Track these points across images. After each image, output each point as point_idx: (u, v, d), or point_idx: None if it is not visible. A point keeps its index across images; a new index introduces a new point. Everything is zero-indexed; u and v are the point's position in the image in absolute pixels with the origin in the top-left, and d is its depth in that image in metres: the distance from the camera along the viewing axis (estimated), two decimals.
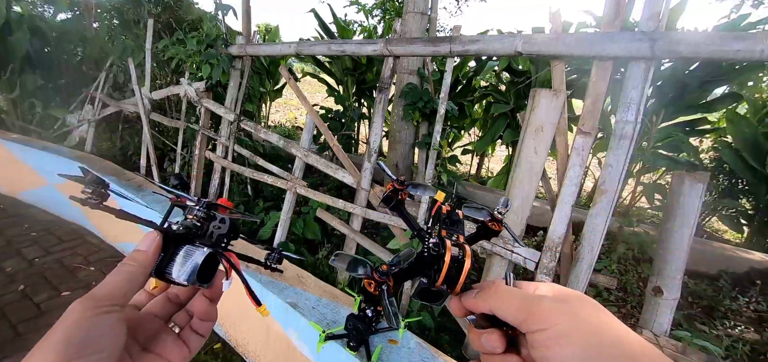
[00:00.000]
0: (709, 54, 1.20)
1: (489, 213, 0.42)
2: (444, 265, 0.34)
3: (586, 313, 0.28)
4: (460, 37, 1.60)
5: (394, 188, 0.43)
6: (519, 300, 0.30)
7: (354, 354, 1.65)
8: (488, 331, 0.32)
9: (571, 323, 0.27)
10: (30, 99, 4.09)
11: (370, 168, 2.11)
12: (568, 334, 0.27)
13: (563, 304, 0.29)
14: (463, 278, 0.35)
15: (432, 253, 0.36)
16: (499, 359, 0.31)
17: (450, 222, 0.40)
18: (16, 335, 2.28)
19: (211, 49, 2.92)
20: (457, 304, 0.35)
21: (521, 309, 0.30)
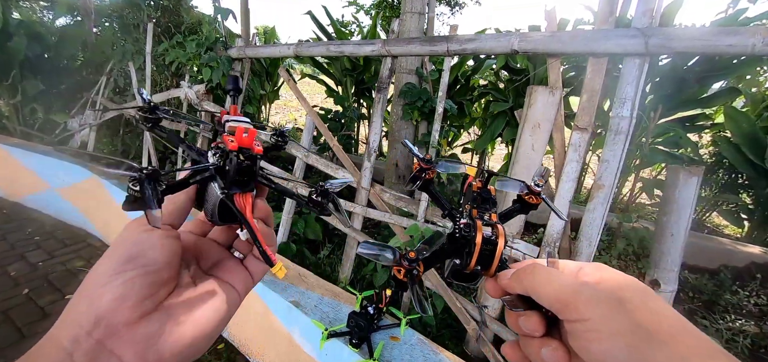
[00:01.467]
0: (702, 49, 1.21)
1: (525, 186, 0.39)
2: (475, 247, 0.33)
3: (632, 305, 0.25)
4: (457, 36, 1.62)
5: (420, 167, 0.40)
6: (557, 286, 0.28)
7: (356, 350, 1.66)
8: (526, 314, 0.30)
9: (614, 317, 0.25)
10: (31, 104, 4.12)
11: (370, 167, 2.13)
12: (609, 329, 0.25)
13: (606, 294, 0.26)
14: (496, 259, 0.33)
15: (463, 234, 0.34)
16: (538, 342, 0.30)
17: (481, 200, 0.37)
18: (21, 337, 2.31)
19: (211, 52, 2.94)
20: (492, 285, 0.34)
21: (560, 296, 0.28)
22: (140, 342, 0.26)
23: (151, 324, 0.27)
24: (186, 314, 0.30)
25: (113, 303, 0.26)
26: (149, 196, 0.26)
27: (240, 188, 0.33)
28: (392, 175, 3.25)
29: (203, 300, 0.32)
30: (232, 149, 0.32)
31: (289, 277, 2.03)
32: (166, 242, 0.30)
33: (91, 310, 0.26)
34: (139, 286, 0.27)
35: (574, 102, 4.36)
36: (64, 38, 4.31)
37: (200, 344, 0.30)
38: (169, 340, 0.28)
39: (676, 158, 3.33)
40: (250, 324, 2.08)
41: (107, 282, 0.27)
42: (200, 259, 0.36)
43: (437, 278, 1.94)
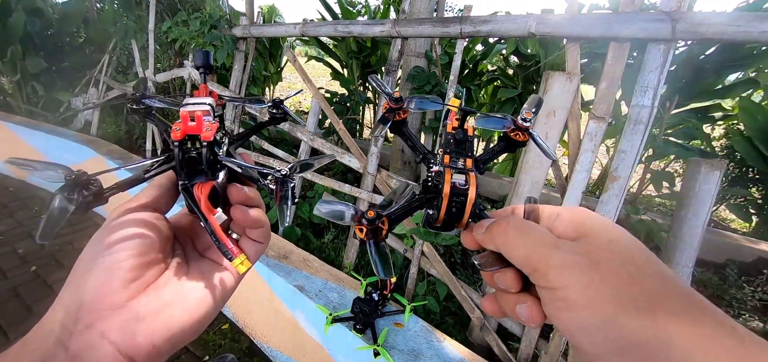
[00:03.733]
0: (732, 35, 1.15)
1: (512, 121, 0.35)
2: (443, 199, 0.30)
3: (609, 268, 0.23)
4: (471, 17, 1.55)
5: (390, 107, 0.35)
6: (528, 250, 0.26)
7: (360, 336, 1.67)
8: (502, 271, 0.28)
9: (588, 285, 0.22)
10: (34, 82, 4.09)
11: (376, 153, 2.09)
12: (582, 299, 0.22)
13: (579, 258, 0.23)
14: (467, 211, 0.30)
15: (435, 182, 0.32)
16: (513, 298, 0.28)
17: (456, 143, 0.33)
18: (29, 314, 2.34)
19: (215, 31, 2.87)
20: (467, 238, 0.32)
21: (530, 259, 0.25)
22: (128, 324, 0.26)
23: (139, 307, 0.27)
24: (176, 296, 0.29)
25: (97, 288, 0.26)
26: (66, 205, 0.26)
27: (203, 177, 0.31)
28: (398, 160, 3.21)
29: (195, 282, 0.31)
30: (175, 139, 0.30)
31: (293, 262, 2.03)
32: (152, 225, 0.30)
33: (77, 295, 0.26)
34: (125, 269, 0.27)
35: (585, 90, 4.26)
36: (65, 15, 4.23)
37: (193, 326, 0.29)
38: (159, 322, 0.27)
39: (689, 150, 3.26)
40: (254, 307, 2.09)
41: (91, 267, 0.27)
42: (195, 240, 0.35)
43: (443, 266, 1.93)
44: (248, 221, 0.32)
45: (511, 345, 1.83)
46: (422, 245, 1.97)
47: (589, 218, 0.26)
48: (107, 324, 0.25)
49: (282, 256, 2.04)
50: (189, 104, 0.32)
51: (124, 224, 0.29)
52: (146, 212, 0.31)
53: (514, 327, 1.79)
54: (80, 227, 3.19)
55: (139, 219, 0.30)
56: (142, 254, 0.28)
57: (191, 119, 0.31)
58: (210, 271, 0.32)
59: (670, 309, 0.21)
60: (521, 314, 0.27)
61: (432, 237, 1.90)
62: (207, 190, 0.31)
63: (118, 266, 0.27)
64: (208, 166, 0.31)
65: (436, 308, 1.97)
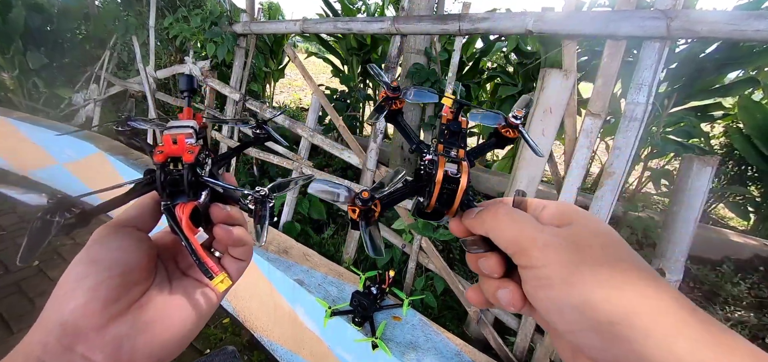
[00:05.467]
0: (728, 34, 1.16)
1: (503, 118, 0.36)
2: (436, 185, 0.31)
3: (589, 250, 0.24)
4: (470, 14, 1.56)
5: (387, 96, 0.36)
6: (516, 231, 0.27)
7: (359, 329, 1.70)
8: (486, 255, 0.30)
9: (568, 263, 0.24)
10: (35, 78, 4.10)
11: (375, 149, 2.11)
12: (560, 276, 0.24)
13: (563, 240, 0.25)
14: (457, 199, 0.32)
15: (427, 170, 0.33)
16: (496, 283, 0.30)
17: (449, 134, 0.34)
18: (32, 308, 2.37)
19: (216, 27, 2.88)
20: (455, 225, 0.33)
21: (517, 240, 0.27)
22: (110, 345, 0.26)
23: (121, 326, 0.27)
24: (159, 315, 0.30)
25: (79, 309, 0.26)
26: (47, 227, 0.26)
27: (185, 197, 0.32)
28: (397, 157, 3.23)
29: (178, 300, 0.31)
30: (157, 161, 0.31)
31: (293, 256, 2.05)
32: (134, 244, 0.30)
33: (58, 316, 0.26)
34: (106, 289, 0.27)
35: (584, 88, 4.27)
36: (65, 10, 4.24)
37: (175, 345, 0.30)
38: (141, 342, 0.28)
39: (688, 148, 3.27)
40: (254, 301, 2.12)
41: (73, 287, 0.27)
42: (178, 259, 0.36)
43: (441, 261, 1.95)
44: (230, 239, 0.33)
45: (508, 339, 1.85)
46: (421, 240, 1.99)
47: (573, 210, 0.28)
48: (89, 345, 0.26)
49: (282, 251, 2.07)
50: (173, 126, 0.33)
51: (107, 243, 0.29)
52: (130, 231, 0.31)
53: (510, 321, 1.82)
54: None
55: (123, 238, 0.30)
56: (125, 274, 0.28)
57: (173, 141, 0.32)
58: (192, 289, 0.33)
59: (643, 292, 0.22)
60: (502, 298, 0.29)
61: (430, 232, 1.92)
62: (188, 210, 0.32)
63: (100, 286, 0.27)
64: (190, 187, 0.32)
65: (434, 302, 2.00)
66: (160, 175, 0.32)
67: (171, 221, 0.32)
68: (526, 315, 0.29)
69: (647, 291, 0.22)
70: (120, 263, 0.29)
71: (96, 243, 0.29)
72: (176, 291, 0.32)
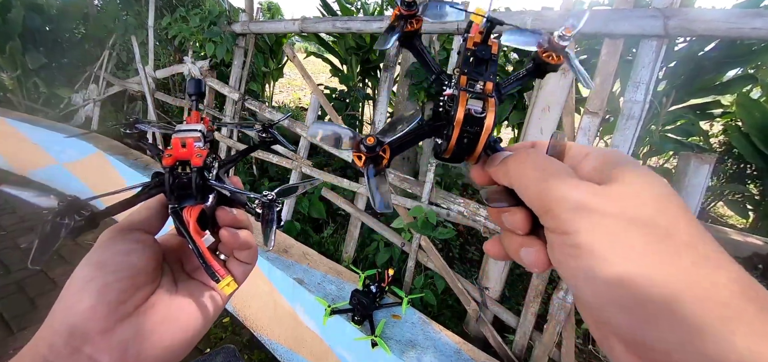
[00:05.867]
0: (725, 32, 1.16)
1: (546, 39, 0.29)
2: (454, 126, 0.26)
3: (634, 221, 0.19)
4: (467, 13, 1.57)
5: (400, 13, 0.29)
6: (542, 188, 0.22)
7: (359, 327, 1.70)
8: (510, 210, 0.25)
9: (604, 237, 0.20)
10: (34, 78, 4.10)
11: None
12: (595, 249, 0.20)
13: (602, 204, 0.20)
14: (481, 143, 0.26)
15: (446, 108, 0.27)
16: (519, 240, 0.25)
17: (476, 62, 0.27)
18: (33, 308, 2.38)
19: (215, 27, 2.88)
20: (477, 172, 0.29)
21: (542, 199, 0.22)
22: (117, 348, 0.27)
23: (128, 330, 0.27)
24: (165, 318, 0.30)
25: (86, 311, 0.26)
26: (56, 231, 0.26)
27: (192, 200, 0.32)
28: (397, 159, 3.23)
29: (183, 303, 0.31)
30: (166, 165, 0.32)
31: (293, 255, 2.06)
32: (141, 247, 0.30)
33: (66, 319, 0.26)
34: (113, 292, 0.27)
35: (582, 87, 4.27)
36: (64, 10, 4.24)
37: (180, 347, 0.30)
38: (148, 344, 0.28)
39: (687, 146, 3.28)
40: (254, 300, 2.13)
41: (81, 289, 0.27)
42: (184, 261, 0.36)
43: (440, 260, 1.95)
44: (236, 243, 0.33)
45: (507, 337, 1.86)
46: (420, 239, 1.99)
47: (622, 161, 0.23)
48: (96, 347, 0.26)
49: (282, 250, 2.07)
50: (181, 130, 0.34)
51: (114, 246, 0.29)
52: (137, 234, 0.31)
53: (509, 320, 1.82)
54: None
55: (129, 241, 0.30)
56: (132, 277, 0.28)
57: (182, 145, 0.32)
58: (198, 292, 0.33)
59: (695, 272, 0.18)
60: (525, 258, 0.25)
61: (430, 231, 1.93)
62: (195, 213, 0.32)
63: (107, 289, 0.27)
64: (198, 190, 0.32)
65: (433, 300, 2.00)
66: (169, 178, 0.32)
67: (179, 224, 0.31)
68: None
69: (700, 271, 0.18)
70: (127, 267, 0.29)
71: (103, 246, 0.29)
72: (182, 294, 0.32)
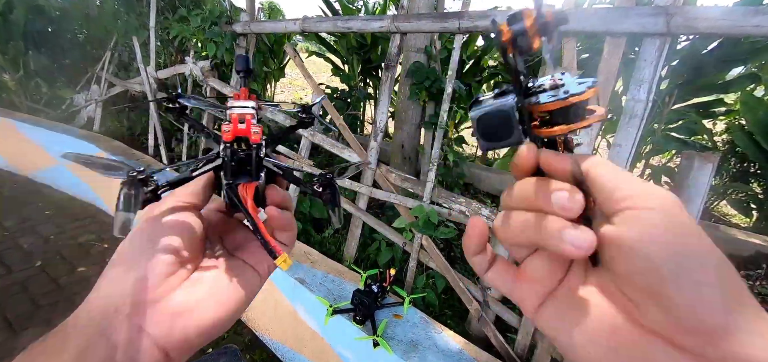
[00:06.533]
0: (728, 30, 1.15)
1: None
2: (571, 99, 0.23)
3: (685, 225, 0.21)
4: (469, 13, 1.56)
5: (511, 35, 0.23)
6: (621, 176, 0.23)
7: (360, 327, 1.70)
8: (571, 188, 0.23)
9: (666, 220, 0.21)
10: (36, 79, 4.12)
11: (376, 147, 2.11)
12: (658, 227, 0.21)
13: (663, 203, 0.21)
14: (578, 126, 0.25)
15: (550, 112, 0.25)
16: (563, 223, 0.23)
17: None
18: (36, 308, 2.39)
19: (215, 27, 2.88)
20: (530, 152, 0.26)
21: (620, 189, 0.22)
22: (165, 320, 0.27)
23: (174, 303, 0.28)
24: (209, 294, 0.30)
25: (138, 282, 0.27)
26: (130, 201, 0.26)
27: (247, 177, 0.33)
28: (398, 156, 3.23)
29: (227, 280, 0.32)
30: (226, 140, 0.31)
31: (295, 255, 2.06)
32: (189, 222, 0.31)
33: (118, 286, 0.27)
34: (162, 264, 0.28)
35: None
36: (66, 11, 4.25)
37: (222, 323, 0.31)
38: (192, 320, 0.28)
39: (689, 145, 3.26)
40: (256, 300, 2.12)
41: (133, 260, 0.28)
42: (225, 238, 0.36)
43: (442, 260, 1.95)
44: (281, 222, 0.33)
45: (509, 336, 1.85)
46: (421, 238, 1.99)
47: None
48: (146, 317, 0.26)
49: None
50: (235, 106, 0.33)
51: (165, 219, 0.30)
52: (185, 208, 0.31)
53: (511, 319, 1.82)
54: (83, 223, 3.23)
55: (179, 215, 0.30)
56: (180, 251, 0.29)
57: (241, 121, 0.32)
58: (240, 269, 0.33)
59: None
60: (571, 236, 0.22)
61: (431, 231, 1.92)
62: (252, 190, 0.32)
63: (158, 260, 0.28)
64: (256, 167, 0.32)
65: (435, 300, 2.00)
66: (229, 154, 0.32)
67: (237, 200, 0.32)
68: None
69: None
70: (177, 240, 0.29)
71: (154, 219, 0.30)
72: (224, 271, 0.32)
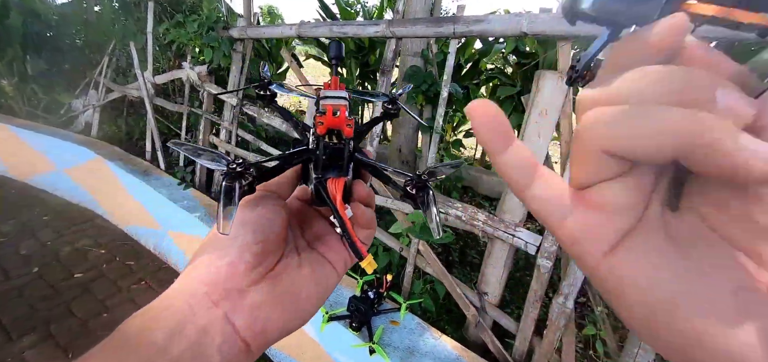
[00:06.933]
0: (722, 33, 1.15)
1: None
2: None
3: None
4: (464, 17, 1.56)
5: None
6: None
7: (356, 333, 1.69)
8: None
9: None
10: (34, 84, 4.12)
11: (372, 152, 2.11)
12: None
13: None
14: None
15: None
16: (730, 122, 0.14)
17: None
18: (33, 313, 2.38)
19: (212, 32, 2.89)
20: (680, 24, 0.11)
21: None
22: (249, 311, 0.26)
23: (258, 294, 0.27)
24: (292, 287, 0.29)
25: (229, 267, 0.26)
26: (232, 194, 0.25)
27: (336, 171, 0.31)
28: (396, 160, 3.22)
29: (307, 274, 0.31)
30: (320, 133, 0.29)
31: None
32: (276, 211, 0.30)
33: (209, 272, 0.26)
34: (252, 253, 0.27)
35: None
36: (64, 17, 4.26)
37: (299, 320, 0.29)
38: (274, 312, 0.28)
39: None
40: None
41: (226, 245, 0.27)
42: (305, 229, 0.34)
43: (439, 265, 1.94)
44: (365, 219, 0.32)
45: (507, 342, 1.84)
46: (418, 244, 1.98)
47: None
48: (232, 305, 0.26)
49: None
50: (328, 97, 0.32)
51: (256, 207, 0.29)
52: (273, 198, 0.31)
53: (509, 325, 1.81)
54: (80, 228, 3.22)
55: (267, 204, 0.30)
56: (267, 240, 0.28)
57: (334, 113, 0.30)
58: (319, 264, 0.32)
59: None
60: (724, 96, 0.14)
61: (428, 236, 1.91)
62: (341, 186, 0.30)
63: (247, 249, 0.27)
64: (348, 162, 0.31)
65: (432, 306, 1.99)
66: (322, 147, 0.30)
67: (325, 195, 0.30)
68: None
69: None
70: (265, 229, 0.28)
71: (244, 206, 0.29)
72: (305, 264, 0.31)
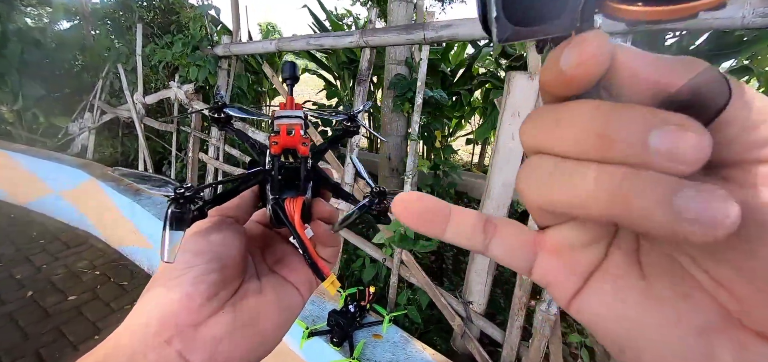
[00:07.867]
0: (686, 24, 1.12)
1: None
2: None
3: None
4: (432, 23, 1.55)
5: None
6: None
7: (338, 349, 1.65)
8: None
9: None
10: (33, 109, 4.21)
11: (352, 163, 2.09)
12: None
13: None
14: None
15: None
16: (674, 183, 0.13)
17: None
18: (25, 339, 2.38)
19: (197, 51, 2.93)
20: (601, 44, 0.13)
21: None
22: (207, 347, 0.24)
23: (217, 326, 0.25)
24: (254, 315, 0.27)
25: (181, 301, 0.24)
26: (179, 220, 0.24)
27: (294, 191, 0.30)
28: (386, 168, 3.20)
29: (270, 300, 0.29)
30: (274, 153, 0.29)
31: None
32: (233, 237, 0.28)
33: (159, 306, 0.24)
34: (207, 284, 0.25)
35: None
36: (62, 42, 4.37)
37: (264, 349, 0.28)
38: (236, 344, 0.26)
39: None
40: None
41: (178, 276, 0.25)
42: (265, 253, 0.33)
43: (423, 274, 1.90)
44: (328, 238, 0.31)
45: (495, 350, 1.78)
46: (401, 253, 1.94)
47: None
48: (186, 341, 0.24)
49: None
50: (282, 116, 0.31)
51: (209, 235, 0.27)
52: (229, 223, 0.29)
53: (495, 334, 1.75)
54: (75, 250, 3.25)
55: (223, 230, 0.28)
56: (224, 268, 0.26)
57: (289, 132, 0.30)
58: (281, 288, 0.30)
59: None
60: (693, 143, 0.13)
61: (410, 245, 1.88)
62: (299, 205, 0.29)
63: (202, 279, 0.25)
64: (305, 181, 0.30)
65: (418, 317, 1.94)
66: (277, 167, 0.29)
67: (283, 216, 0.29)
68: None
69: None
70: (221, 256, 0.26)
71: (198, 234, 0.27)
72: (266, 290, 0.29)
